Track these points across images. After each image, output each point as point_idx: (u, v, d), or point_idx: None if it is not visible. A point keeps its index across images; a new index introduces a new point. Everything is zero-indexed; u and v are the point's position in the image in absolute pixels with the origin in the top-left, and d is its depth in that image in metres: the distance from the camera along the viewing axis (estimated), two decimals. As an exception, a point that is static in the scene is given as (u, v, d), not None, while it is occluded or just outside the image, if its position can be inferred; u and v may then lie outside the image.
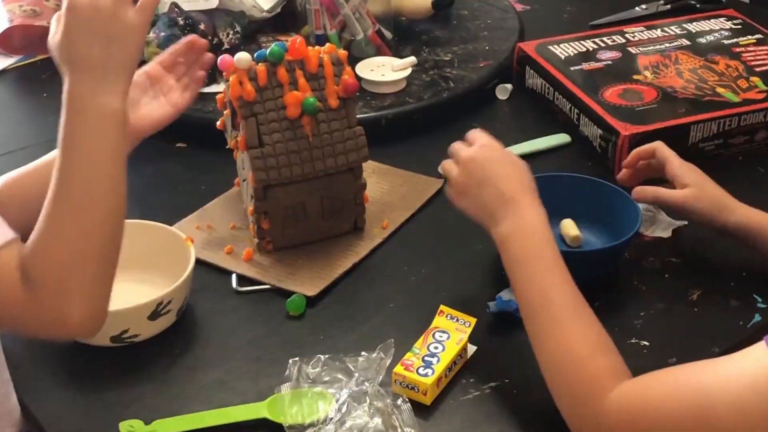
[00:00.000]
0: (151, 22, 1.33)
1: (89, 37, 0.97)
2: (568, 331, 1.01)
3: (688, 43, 1.68)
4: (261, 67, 1.25)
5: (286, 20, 1.79)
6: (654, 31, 1.72)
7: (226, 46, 1.62)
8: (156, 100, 1.29)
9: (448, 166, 1.18)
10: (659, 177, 1.29)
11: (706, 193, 1.25)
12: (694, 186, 1.25)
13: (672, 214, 1.35)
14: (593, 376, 0.97)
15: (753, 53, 1.63)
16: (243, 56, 1.25)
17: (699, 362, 0.93)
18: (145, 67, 1.30)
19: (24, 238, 1.22)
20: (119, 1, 0.97)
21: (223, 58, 1.28)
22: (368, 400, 1.05)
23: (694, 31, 1.72)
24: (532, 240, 1.07)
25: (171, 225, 1.29)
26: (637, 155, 1.32)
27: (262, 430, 1.06)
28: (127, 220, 1.29)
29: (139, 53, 1.01)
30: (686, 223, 1.34)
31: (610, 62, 1.62)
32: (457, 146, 1.18)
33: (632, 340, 1.16)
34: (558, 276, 1.04)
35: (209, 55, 1.29)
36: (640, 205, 1.29)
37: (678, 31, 1.72)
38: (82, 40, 0.97)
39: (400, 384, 1.08)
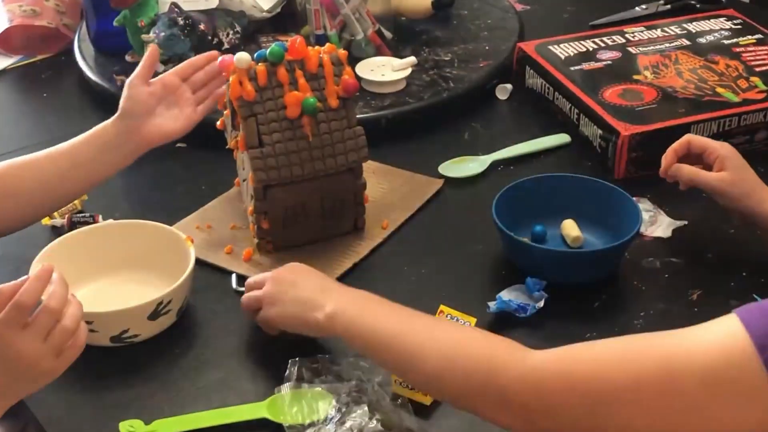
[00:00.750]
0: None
1: (3, 367, 0.94)
2: (442, 332, 0.99)
3: (688, 43, 1.68)
4: (261, 67, 1.25)
5: (286, 20, 1.79)
6: (654, 31, 1.72)
7: (226, 46, 1.62)
8: (169, 111, 1.30)
9: (247, 299, 1.16)
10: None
11: (742, 179, 1.25)
12: (731, 170, 1.25)
13: (673, 214, 1.35)
14: (496, 347, 0.93)
15: (753, 53, 1.63)
16: (243, 56, 1.25)
17: (650, 334, 0.88)
18: (162, 76, 1.30)
19: (11, 226, 1.22)
20: (48, 354, 0.95)
21: (224, 59, 1.29)
22: (368, 400, 1.05)
23: (694, 31, 1.72)
24: (360, 303, 1.05)
25: (171, 225, 1.29)
26: (674, 153, 1.30)
27: (262, 430, 1.06)
28: (127, 220, 1.30)
29: (44, 385, 0.99)
30: (686, 223, 1.35)
31: (610, 62, 1.62)
32: (252, 281, 1.17)
33: (632, 340, 1.16)
34: (399, 312, 1.03)
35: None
36: (640, 205, 1.29)
37: (678, 31, 1.72)
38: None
39: (400, 384, 1.08)
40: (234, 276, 1.27)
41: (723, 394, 0.81)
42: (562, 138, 1.54)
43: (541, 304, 1.19)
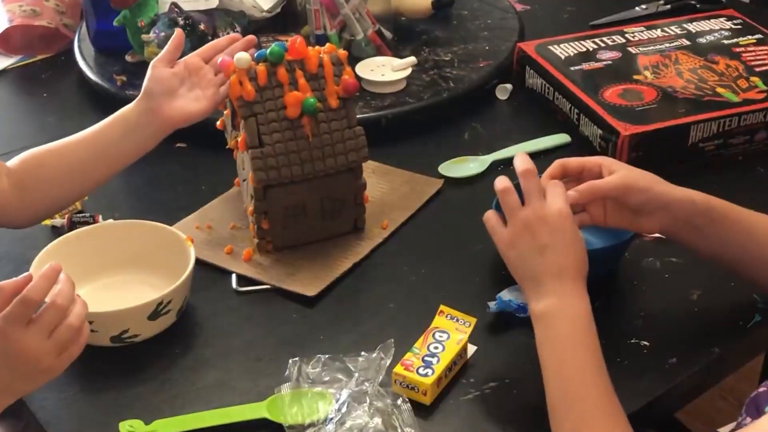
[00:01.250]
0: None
1: (3, 368, 0.94)
2: (574, 423, 0.96)
3: (688, 43, 1.68)
4: (261, 67, 1.25)
5: (286, 20, 1.79)
6: (654, 31, 1.72)
7: (226, 46, 1.62)
8: (191, 93, 1.30)
9: (490, 217, 1.11)
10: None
11: (640, 173, 1.15)
12: (624, 169, 1.14)
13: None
14: None
15: (753, 53, 1.63)
16: (243, 56, 1.25)
17: None
18: (185, 58, 1.31)
19: (39, 214, 1.24)
20: (50, 352, 0.96)
21: (224, 60, 1.29)
22: (368, 400, 1.05)
23: (694, 31, 1.72)
24: (575, 325, 1.01)
25: (171, 225, 1.29)
26: (548, 177, 1.15)
27: (262, 430, 1.06)
28: (127, 220, 1.30)
29: (43, 383, 0.99)
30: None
31: (610, 62, 1.62)
32: (510, 201, 1.08)
33: (632, 340, 1.16)
34: (595, 371, 0.99)
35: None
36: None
37: (678, 31, 1.72)
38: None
39: (400, 384, 1.08)
40: (234, 276, 1.27)
41: None
42: (562, 138, 1.54)
43: (541, 304, 1.19)
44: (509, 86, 1.67)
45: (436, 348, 1.11)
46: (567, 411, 0.98)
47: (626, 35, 1.71)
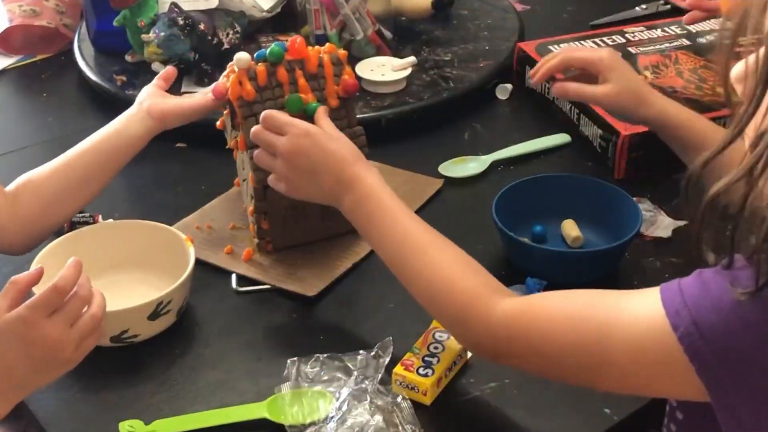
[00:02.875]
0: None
1: (24, 356, 0.94)
2: (433, 259, 1.04)
3: (688, 43, 1.68)
4: (261, 67, 1.25)
5: (286, 20, 1.79)
6: (654, 31, 1.72)
7: (226, 46, 1.62)
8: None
9: (262, 157, 1.17)
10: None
11: (628, 88, 1.29)
12: (615, 81, 1.29)
13: (673, 214, 1.35)
14: (472, 293, 1.00)
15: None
16: (243, 56, 1.25)
17: (598, 293, 0.93)
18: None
19: (35, 236, 1.24)
20: (73, 342, 0.96)
21: (217, 85, 1.29)
22: (368, 398, 1.05)
23: (694, 31, 1.71)
24: (376, 201, 1.09)
25: (171, 225, 1.29)
26: (547, 70, 1.36)
27: (262, 430, 1.06)
28: (127, 220, 1.30)
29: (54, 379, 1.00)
30: (686, 223, 1.34)
31: (610, 62, 1.62)
32: (267, 136, 1.16)
33: (632, 340, 1.16)
34: (408, 218, 1.08)
35: None
36: (640, 205, 1.29)
37: (678, 31, 1.72)
38: (15, 354, 0.94)
39: (400, 384, 1.08)
40: (234, 276, 1.27)
41: (650, 369, 0.86)
42: (562, 138, 1.54)
43: (541, 304, 1.19)
44: (509, 86, 1.67)
45: (436, 348, 1.11)
46: (400, 258, 1.07)
47: (626, 35, 1.71)
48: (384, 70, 1.63)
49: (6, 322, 0.93)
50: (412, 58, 1.64)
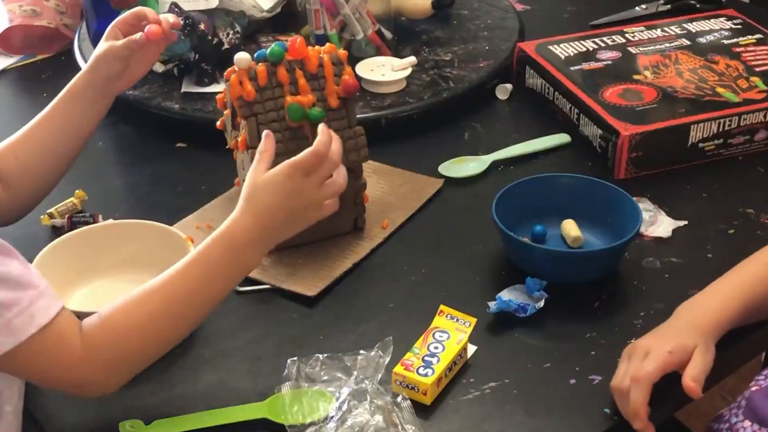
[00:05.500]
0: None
1: (285, 207, 1.08)
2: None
3: (688, 43, 1.68)
4: (261, 67, 1.25)
5: (286, 20, 1.79)
6: (654, 31, 1.72)
7: (226, 46, 1.62)
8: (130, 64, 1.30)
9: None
10: None
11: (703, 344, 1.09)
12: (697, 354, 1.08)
13: (673, 214, 1.35)
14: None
15: (753, 53, 1.63)
16: (243, 56, 1.25)
17: None
18: (128, 39, 1.28)
19: (25, 205, 1.24)
20: (322, 201, 1.10)
21: (150, 29, 1.26)
22: (368, 398, 1.05)
23: (694, 31, 1.72)
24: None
25: (171, 225, 1.29)
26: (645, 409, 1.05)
27: (262, 430, 1.06)
28: (127, 220, 1.30)
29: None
30: (686, 223, 1.35)
31: (610, 62, 1.62)
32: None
33: (632, 340, 1.16)
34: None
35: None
36: (640, 205, 1.29)
37: (678, 31, 1.72)
38: (278, 204, 1.08)
39: (400, 384, 1.08)
40: (234, 276, 1.27)
41: None
42: (562, 138, 1.54)
43: (541, 304, 1.19)
44: (509, 86, 1.67)
45: (436, 348, 1.11)
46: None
47: (626, 35, 1.71)
48: (384, 70, 1.63)
49: (274, 175, 1.08)
50: (412, 58, 1.64)
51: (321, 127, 1.13)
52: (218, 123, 1.40)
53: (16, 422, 1.01)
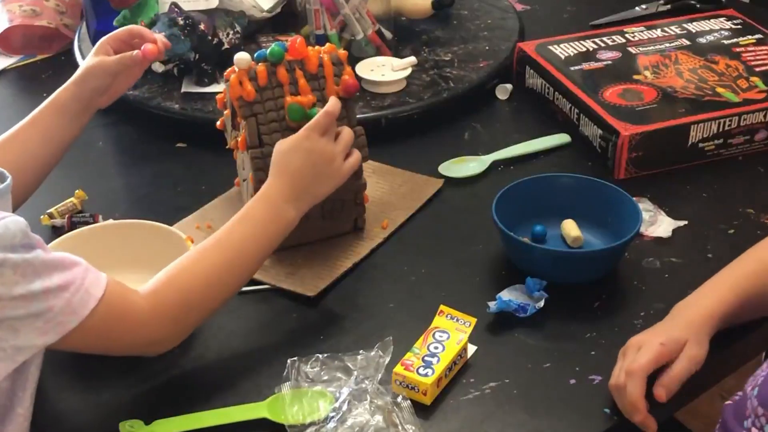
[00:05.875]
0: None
1: (308, 164, 1.19)
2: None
3: (688, 43, 1.68)
4: (261, 67, 1.25)
5: (286, 20, 1.79)
6: (654, 31, 1.72)
7: (226, 46, 1.62)
8: (117, 79, 1.32)
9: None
10: None
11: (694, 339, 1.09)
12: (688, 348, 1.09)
13: (673, 214, 1.35)
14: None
15: (753, 53, 1.63)
16: (243, 56, 1.25)
17: None
18: (121, 55, 1.31)
19: (20, 197, 1.23)
20: (340, 153, 1.21)
21: (146, 47, 1.29)
22: (368, 398, 1.05)
23: (694, 31, 1.72)
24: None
25: (171, 225, 1.29)
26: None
27: (262, 430, 1.06)
28: (127, 220, 1.30)
29: (329, 193, 1.22)
30: (686, 223, 1.35)
31: (610, 62, 1.62)
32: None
33: (632, 340, 1.16)
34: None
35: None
36: (640, 205, 1.29)
37: (678, 31, 1.72)
38: (301, 162, 1.18)
39: (400, 384, 1.08)
40: (234, 276, 1.27)
41: None
42: (562, 138, 1.54)
43: (541, 304, 1.19)
44: (509, 86, 1.67)
45: (436, 348, 1.11)
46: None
47: (626, 35, 1.71)
48: (384, 70, 1.63)
49: (293, 138, 1.20)
50: (412, 58, 1.64)
51: (332, 98, 1.24)
52: (218, 123, 1.40)
53: (25, 425, 1.01)
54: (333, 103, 1.23)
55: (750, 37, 1.69)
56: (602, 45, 1.67)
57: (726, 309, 1.10)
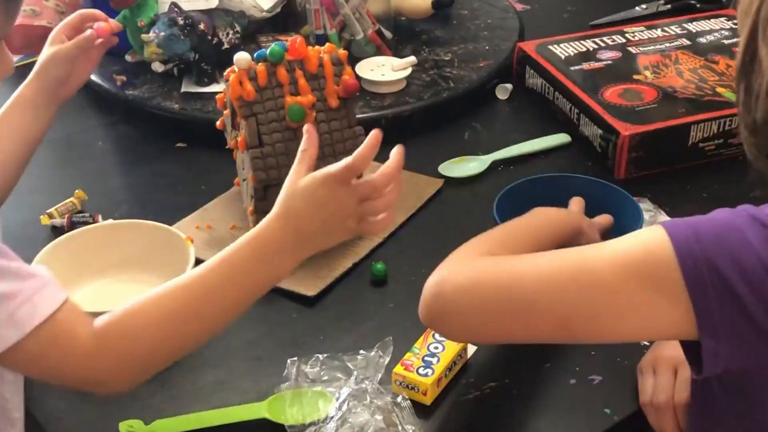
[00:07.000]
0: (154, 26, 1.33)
1: (318, 216, 1.02)
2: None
3: (689, 42, 1.68)
4: (261, 67, 1.25)
5: (286, 20, 1.79)
6: (654, 30, 1.72)
7: (226, 46, 1.62)
8: (77, 65, 1.30)
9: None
10: None
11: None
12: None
13: (673, 214, 1.35)
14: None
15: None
16: (243, 56, 1.25)
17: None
18: (71, 43, 1.29)
19: None
20: (358, 213, 1.04)
21: (100, 26, 1.28)
22: (368, 399, 1.05)
23: (694, 30, 1.72)
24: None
25: (171, 225, 1.29)
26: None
27: (262, 430, 1.06)
28: (127, 220, 1.30)
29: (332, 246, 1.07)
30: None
31: (610, 62, 1.62)
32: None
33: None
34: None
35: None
36: (641, 205, 1.29)
37: (678, 31, 1.72)
38: (311, 212, 1.02)
39: (400, 384, 1.08)
40: (234, 276, 1.27)
41: (637, 280, 0.83)
42: (562, 138, 1.54)
43: (541, 304, 1.19)
44: (509, 86, 1.67)
45: (436, 348, 1.11)
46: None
47: (626, 35, 1.71)
48: (384, 70, 1.63)
49: (309, 180, 1.02)
50: (412, 58, 1.64)
51: (370, 138, 1.07)
52: (218, 123, 1.40)
53: (23, 426, 1.01)
54: (361, 154, 1.05)
55: (750, 37, 1.68)
56: (602, 45, 1.67)
57: None
